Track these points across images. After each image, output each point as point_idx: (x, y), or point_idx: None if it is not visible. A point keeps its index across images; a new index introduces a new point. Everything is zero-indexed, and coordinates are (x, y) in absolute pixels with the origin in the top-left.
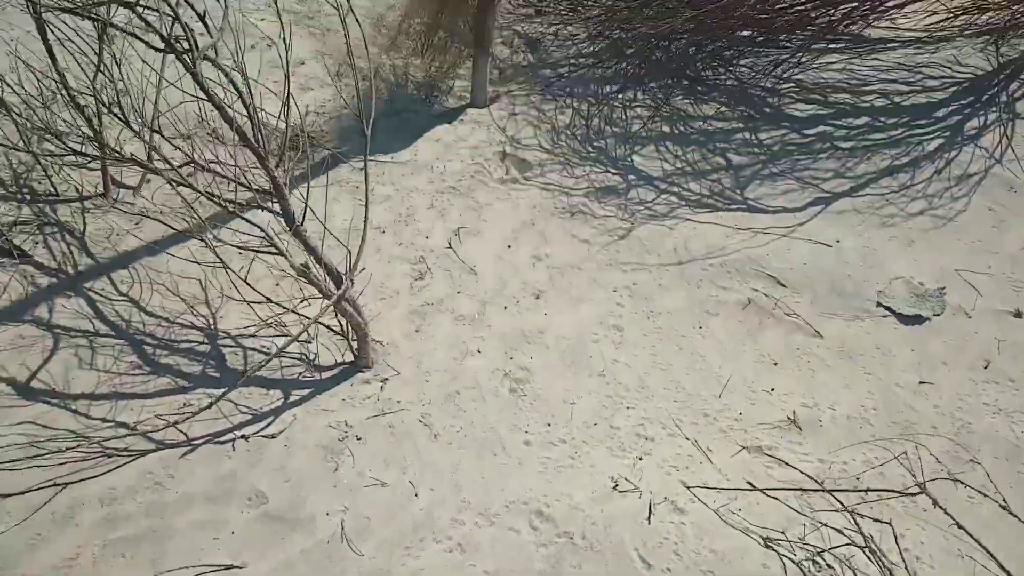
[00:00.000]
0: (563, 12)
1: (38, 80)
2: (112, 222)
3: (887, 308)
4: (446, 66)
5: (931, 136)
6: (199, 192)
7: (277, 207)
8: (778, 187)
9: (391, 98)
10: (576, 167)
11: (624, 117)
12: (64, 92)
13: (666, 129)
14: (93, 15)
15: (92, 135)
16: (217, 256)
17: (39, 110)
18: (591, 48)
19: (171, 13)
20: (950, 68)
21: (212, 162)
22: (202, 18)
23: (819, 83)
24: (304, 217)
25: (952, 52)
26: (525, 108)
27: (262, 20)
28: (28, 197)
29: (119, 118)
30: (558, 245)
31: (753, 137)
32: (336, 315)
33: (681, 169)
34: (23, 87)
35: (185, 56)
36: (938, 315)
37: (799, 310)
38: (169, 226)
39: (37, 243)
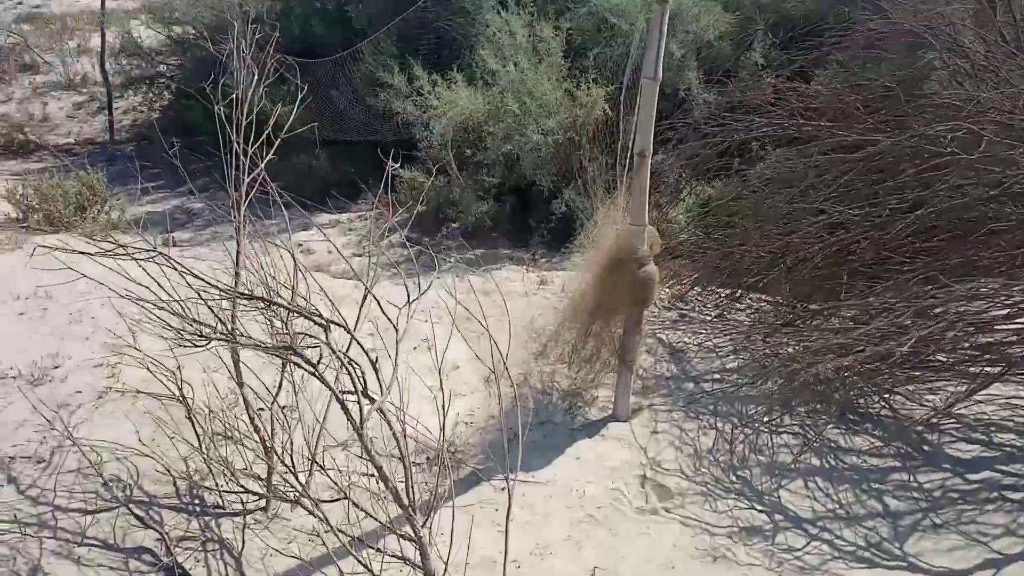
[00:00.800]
0: (708, 318)
1: (221, 398)
2: (267, 540)
3: None
4: (591, 375)
5: None
6: (343, 543)
7: (418, 558)
8: (942, 542)
9: (535, 408)
10: (719, 499)
11: (770, 444)
12: (248, 427)
13: (815, 462)
14: (282, 355)
15: (263, 455)
16: None
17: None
18: (736, 362)
19: (347, 367)
20: None
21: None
22: (374, 364)
23: (980, 419)
24: (446, 570)
25: None
26: (667, 425)
27: (424, 322)
28: (198, 510)
29: (287, 467)
30: None
31: (912, 479)
32: None
33: (833, 511)
34: (208, 406)
35: (352, 413)
36: None
37: None
38: (305, 562)
39: (198, 561)
